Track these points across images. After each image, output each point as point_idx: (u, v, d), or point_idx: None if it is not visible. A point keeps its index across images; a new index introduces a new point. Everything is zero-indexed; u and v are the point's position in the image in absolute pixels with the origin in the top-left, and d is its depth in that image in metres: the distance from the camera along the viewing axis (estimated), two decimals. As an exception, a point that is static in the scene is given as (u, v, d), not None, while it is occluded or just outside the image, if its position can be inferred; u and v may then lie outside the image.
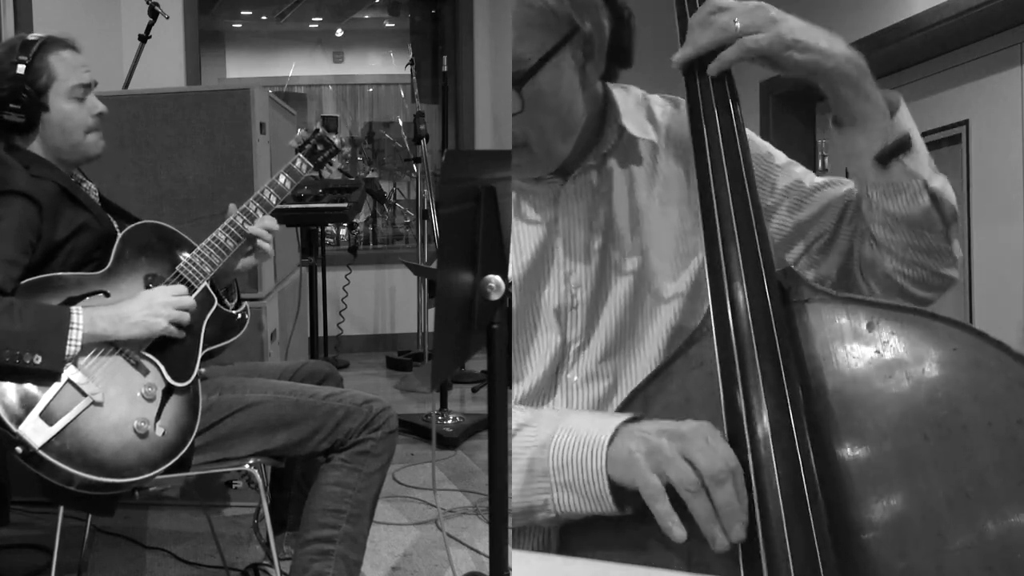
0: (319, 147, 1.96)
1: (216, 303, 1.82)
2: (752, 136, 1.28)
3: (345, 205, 3.49)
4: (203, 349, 1.76)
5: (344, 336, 5.31)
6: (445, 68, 4.82)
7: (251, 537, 2.45)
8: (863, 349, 0.96)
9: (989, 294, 3.27)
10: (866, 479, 0.91)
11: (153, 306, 1.65)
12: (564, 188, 1.19)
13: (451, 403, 3.82)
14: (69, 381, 1.55)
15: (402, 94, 6.87)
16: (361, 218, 6.05)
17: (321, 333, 4.24)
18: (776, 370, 0.94)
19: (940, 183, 1.12)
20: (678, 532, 0.91)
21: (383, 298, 5.56)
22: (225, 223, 1.82)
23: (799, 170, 1.27)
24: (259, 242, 1.85)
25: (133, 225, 1.81)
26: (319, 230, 4.43)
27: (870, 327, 0.96)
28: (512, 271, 1.17)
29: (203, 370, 1.75)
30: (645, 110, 1.25)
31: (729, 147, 1.06)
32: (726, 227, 1.02)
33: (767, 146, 1.28)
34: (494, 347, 1.34)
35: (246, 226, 1.82)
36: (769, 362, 0.95)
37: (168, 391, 1.67)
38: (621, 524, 0.99)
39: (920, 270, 1.16)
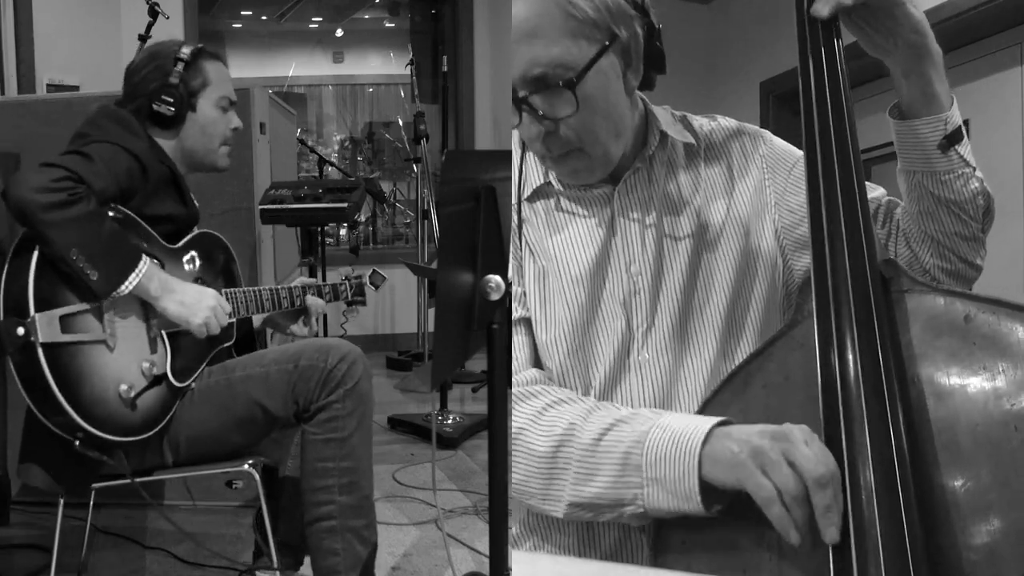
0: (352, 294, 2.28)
1: (231, 342, 1.88)
2: (785, 144, 1.35)
3: (345, 205, 3.49)
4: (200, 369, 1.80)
5: (344, 336, 5.30)
6: (445, 68, 4.82)
7: (251, 537, 2.45)
8: (958, 341, 0.96)
9: (989, 294, 3.26)
10: (954, 471, 0.91)
11: (204, 300, 1.70)
12: (618, 190, 1.26)
13: (451, 403, 3.83)
14: (99, 309, 1.59)
15: (402, 94, 6.87)
16: (362, 218, 6.05)
17: (321, 333, 4.24)
18: (874, 358, 0.94)
19: (982, 174, 1.20)
20: (795, 536, 0.91)
21: (383, 298, 5.56)
22: (272, 287, 1.93)
23: None
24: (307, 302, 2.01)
25: (209, 231, 1.90)
26: (319, 230, 4.42)
27: (967, 319, 0.97)
28: (574, 270, 1.24)
29: (193, 386, 1.77)
30: (682, 122, 1.35)
31: (838, 116, 1.08)
32: (833, 214, 1.03)
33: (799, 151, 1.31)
34: (494, 347, 1.34)
35: (288, 302, 1.96)
36: (867, 350, 0.95)
37: (159, 380, 1.68)
38: (711, 523, 1.00)
39: (956, 262, 1.22)
